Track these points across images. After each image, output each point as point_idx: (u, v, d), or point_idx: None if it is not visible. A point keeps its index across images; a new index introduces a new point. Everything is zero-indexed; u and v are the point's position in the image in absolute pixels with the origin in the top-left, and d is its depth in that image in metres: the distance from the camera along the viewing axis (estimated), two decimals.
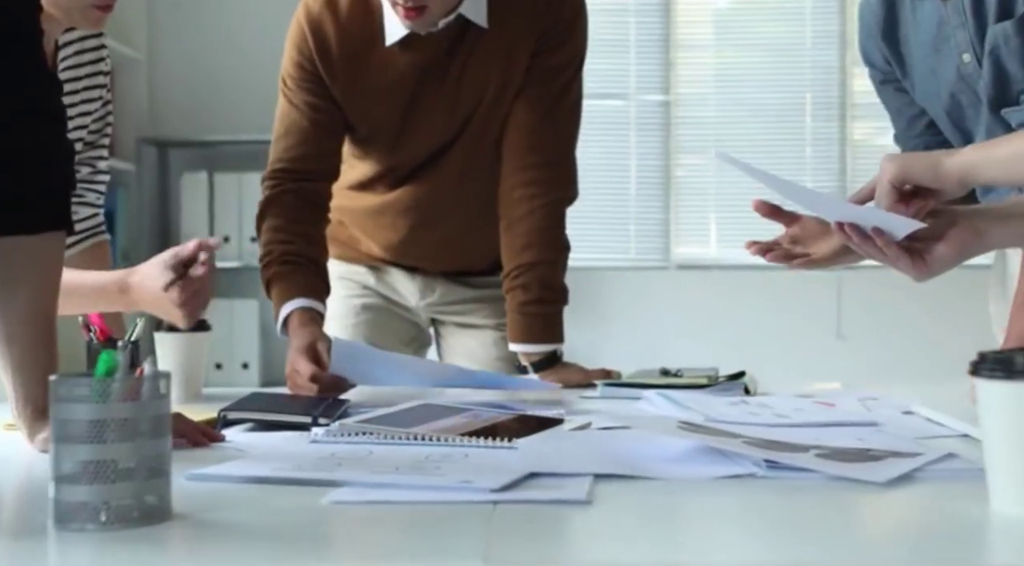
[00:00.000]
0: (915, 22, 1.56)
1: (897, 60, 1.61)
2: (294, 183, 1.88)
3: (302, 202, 1.88)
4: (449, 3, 1.77)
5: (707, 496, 0.99)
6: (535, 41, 1.85)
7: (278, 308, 1.82)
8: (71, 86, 1.74)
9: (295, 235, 1.86)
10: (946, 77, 1.56)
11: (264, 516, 0.92)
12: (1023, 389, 0.87)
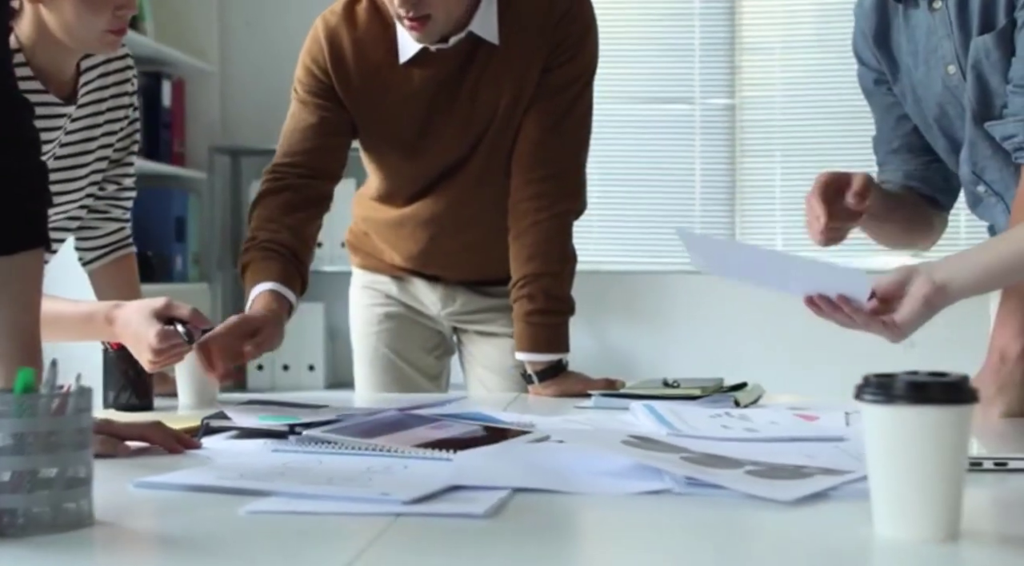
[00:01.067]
0: (908, 29, 1.56)
1: (889, 65, 1.61)
2: (294, 179, 1.92)
3: (299, 198, 1.92)
4: (453, 13, 1.81)
5: (612, 511, 1.02)
6: (545, 57, 1.89)
7: (248, 291, 1.85)
8: (95, 108, 1.84)
9: (283, 227, 1.88)
10: (934, 87, 1.55)
11: (182, 524, 0.98)
12: (901, 413, 0.88)
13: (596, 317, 4.48)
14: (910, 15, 1.55)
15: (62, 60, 1.72)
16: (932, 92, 1.55)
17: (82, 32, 1.63)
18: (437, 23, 1.81)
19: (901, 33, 1.56)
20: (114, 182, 1.94)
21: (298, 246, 1.89)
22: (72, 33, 1.64)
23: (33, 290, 1.36)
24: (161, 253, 3.90)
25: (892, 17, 1.58)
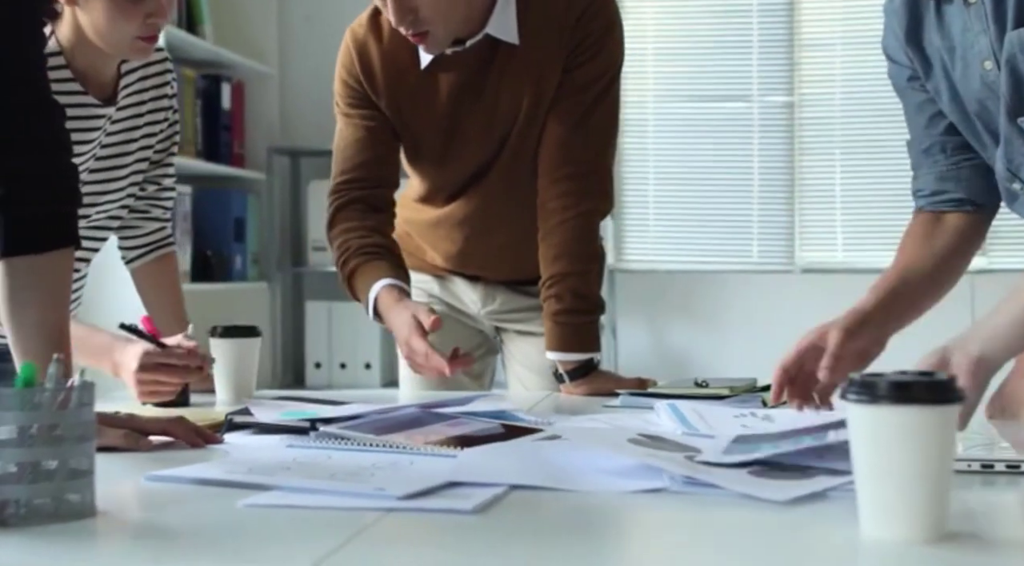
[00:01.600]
0: (941, 26, 1.53)
1: (922, 62, 1.58)
2: (358, 192, 1.98)
3: (368, 208, 1.98)
4: (452, 23, 1.83)
5: (605, 508, 1.03)
6: (565, 56, 1.89)
7: (365, 294, 1.90)
8: (135, 110, 1.89)
9: (369, 231, 1.95)
10: (973, 84, 1.52)
11: (179, 516, 1.01)
12: (884, 413, 0.88)
13: (653, 317, 4.46)
14: (943, 12, 1.52)
15: (101, 63, 1.76)
16: (971, 88, 1.52)
17: (113, 37, 1.68)
18: (438, 36, 1.83)
19: (933, 30, 1.53)
20: (154, 182, 1.98)
21: (389, 243, 1.97)
22: (104, 38, 1.68)
23: (62, 287, 1.40)
24: (220, 253, 3.97)
25: (924, 14, 1.55)
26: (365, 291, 1.89)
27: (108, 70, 1.80)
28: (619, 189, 4.55)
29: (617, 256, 4.52)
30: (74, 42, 1.72)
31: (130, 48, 1.71)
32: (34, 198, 1.36)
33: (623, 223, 4.56)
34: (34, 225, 1.36)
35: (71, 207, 1.42)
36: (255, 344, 1.91)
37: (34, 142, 1.37)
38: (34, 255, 1.36)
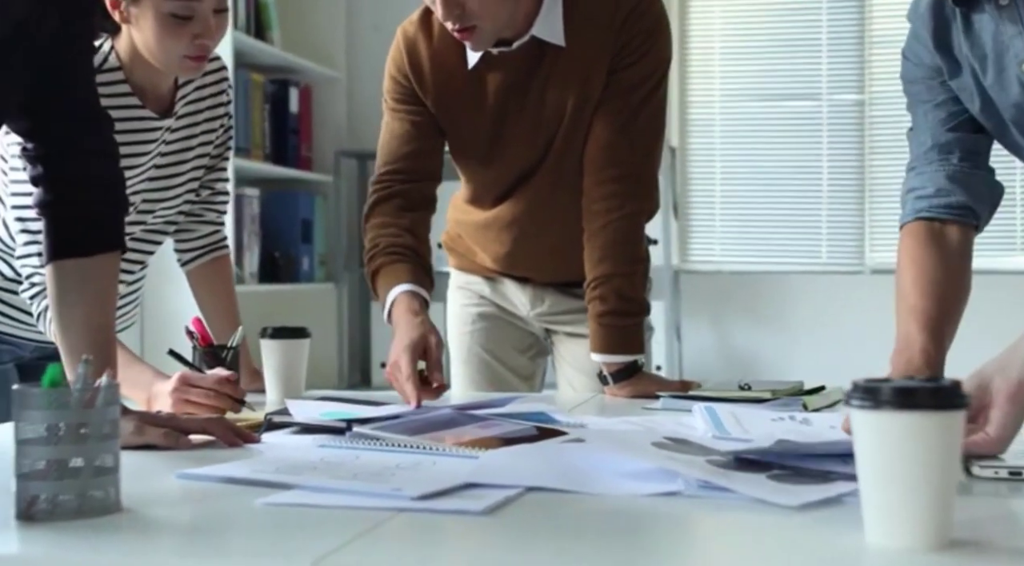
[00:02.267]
0: (969, 34, 1.50)
1: (951, 66, 1.55)
2: (399, 185, 1.99)
3: (407, 202, 1.99)
4: (500, 19, 1.84)
5: (617, 511, 1.03)
6: (611, 58, 1.89)
7: (384, 295, 1.91)
8: (191, 119, 1.94)
9: (400, 230, 1.96)
10: (1010, 89, 1.49)
11: (197, 513, 1.04)
12: (888, 419, 0.87)
13: (718, 318, 4.43)
14: (971, 20, 1.49)
15: (157, 78, 1.82)
16: (1008, 94, 1.49)
17: (162, 56, 1.72)
18: (484, 32, 1.84)
19: (961, 38, 1.51)
20: (208, 187, 2.03)
21: (418, 246, 1.97)
22: (154, 56, 1.73)
23: (108, 289, 1.45)
24: (288, 254, 4.04)
25: (950, 20, 1.52)
26: (385, 292, 1.90)
27: (165, 84, 1.85)
28: (685, 189, 4.53)
29: (682, 257, 4.49)
30: (131, 58, 1.77)
31: (179, 66, 1.75)
32: (81, 204, 1.41)
33: (688, 224, 4.54)
34: (81, 230, 1.41)
35: (117, 213, 1.47)
36: (304, 345, 1.95)
37: (82, 151, 1.42)
38: (81, 258, 1.40)
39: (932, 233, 1.56)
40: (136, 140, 1.79)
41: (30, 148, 1.43)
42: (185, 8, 1.68)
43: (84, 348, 1.40)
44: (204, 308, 2.07)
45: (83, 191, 1.42)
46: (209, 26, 1.71)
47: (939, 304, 1.49)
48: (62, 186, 1.41)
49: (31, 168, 1.44)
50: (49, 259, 1.42)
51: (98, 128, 1.46)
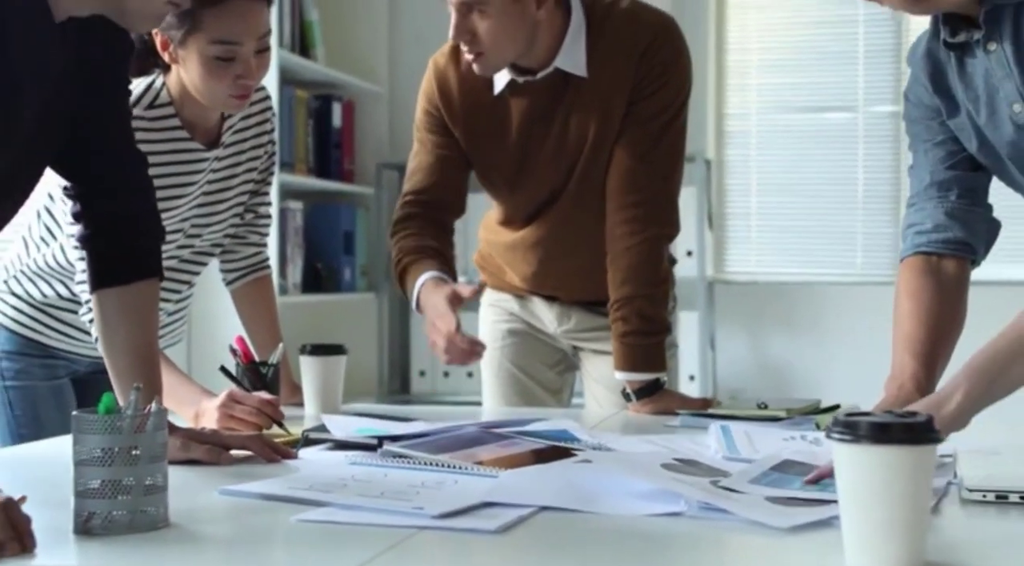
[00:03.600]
0: (963, 76, 1.57)
1: (949, 106, 1.62)
2: (422, 208, 2.11)
3: (430, 222, 2.11)
4: (506, 53, 1.95)
5: (622, 530, 1.11)
6: (631, 88, 1.98)
7: (412, 285, 2.01)
8: (237, 148, 2.04)
9: (425, 236, 2.08)
10: (1003, 128, 1.56)
11: (238, 528, 1.14)
12: (865, 452, 0.95)
13: (753, 329, 4.48)
14: (965, 63, 1.55)
15: (205, 112, 1.92)
16: (1002, 132, 1.55)
17: (208, 94, 1.83)
18: (490, 60, 1.95)
19: (956, 79, 1.57)
20: (252, 211, 2.14)
21: (442, 248, 2.09)
22: (200, 94, 1.84)
23: (149, 313, 1.56)
24: (330, 265, 4.15)
25: (945, 63, 1.59)
26: (412, 283, 2.00)
27: (212, 118, 1.95)
28: (721, 200, 4.59)
29: (717, 267, 4.55)
30: (181, 95, 1.87)
31: (224, 104, 1.86)
32: (118, 237, 1.52)
33: (724, 234, 4.59)
34: (118, 261, 1.52)
35: (153, 243, 1.58)
36: (341, 361, 2.04)
37: (118, 189, 1.53)
38: (121, 287, 1.51)
39: (929, 267, 1.62)
40: (185, 171, 1.90)
41: (70, 186, 1.54)
42: (228, 51, 1.78)
43: (128, 368, 1.51)
44: (247, 325, 2.17)
45: (120, 226, 1.53)
46: (250, 67, 1.81)
47: (932, 333, 1.56)
48: (100, 222, 1.52)
49: (71, 204, 1.55)
50: (92, 289, 1.53)
51: (133, 166, 1.57)
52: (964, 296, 1.63)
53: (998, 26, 1.50)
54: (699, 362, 4.21)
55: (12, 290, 2.01)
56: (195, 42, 1.78)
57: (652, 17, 2.00)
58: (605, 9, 2.00)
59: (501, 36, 1.91)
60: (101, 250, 1.52)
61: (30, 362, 2.05)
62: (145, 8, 1.34)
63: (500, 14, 1.89)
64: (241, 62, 1.81)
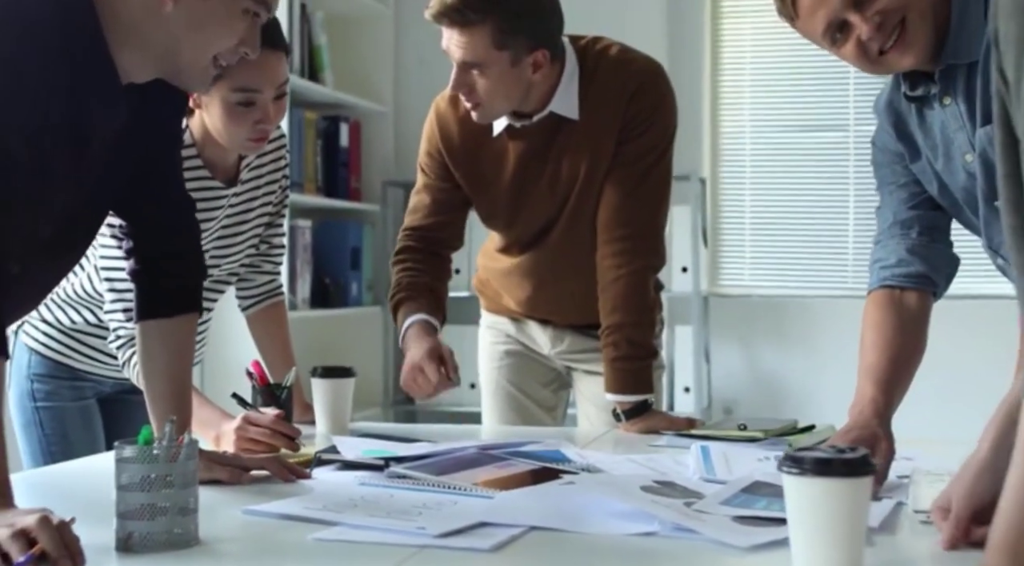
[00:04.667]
0: (923, 126, 1.71)
1: (911, 152, 1.75)
2: (421, 243, 2.29)
3: (428, 254, 2.29)
4: (499, 104, 2.10)
5: (600, 548, 1.25)
6: (619, 130, 2.12)
7: (401, 323, 2.21)
8: (254, 183, 2.19)
9: (421, 272, 2.26)
10: (958, 175, 1.70)
11: (262, 545, 1.28)
12: (810, 483, 1.09)
13: (747, 341, 4.62)
14: (924, 114, 1.69)
15: (224, 153, 2.07)
16: (956, 178, 1.69)
17: (228, 137, 1.97)
18: (487, 110, 2.11)
19: (916, 128, 1.71)
20: (266, 242, 2.28)
21: (436, 284, 2.27)
22: (221, 137, 1.98)
23: (186, 344, 1.71)
24: (338, 281, 4.30)
25: (906, 113, 1.73)
26: (402, 321, 2.19)
27: (231, 158, 2.10)
28: (716, 216, 4.73)
29: (712, 281, 4.69)
30: (203, 137, 2.02)
31: (243, 146, 2.00)
32: (165, 275, 1.67)
33: (719, 249, 4.73)
34: (164, 296, 1.67)
35: (196, 281, 1.72)
36: (350, 383, 2.19)
37: (168, 230, 1.68)
38: (164, 319, 1.66)
39: (892, 300, 1.76)
40: (206, 207, 2.05)
41: (124, 225, 1.68)
42: (248, 98, 1.93)
43: (164, 393, 1.66)
44: (261, 347, 2.32)
45: (166, 264, 1.68)
46: (268, 113, 1.96)
47: (893, 363, 1.69)
48: (149, 259, 1.67)
49: (124, 242, 1.69)
50: (137, 319, 1.68)
51: (182, 210, 1.71)
52: (924, 326, 1.76)
53: (952, 83, 1.63)
54: (694, 374, 4.35)
55: (43, 317, 2.16)
56: (218, 89, 1.92)
57: (640, 64, 2.15)
58: (596, 56, 2.14)
59: (497, 94, 2.07)
60: (148, 285, 1.66)
61: (59, 384, 2.20)
62: (197, 71, 1.50)
63: (498, 76, 2.04)
64: (260, 108, 1.95)
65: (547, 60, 2.09)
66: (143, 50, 1.46)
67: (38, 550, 1.15)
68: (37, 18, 1.39)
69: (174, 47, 1.46)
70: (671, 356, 4.36)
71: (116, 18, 1.44)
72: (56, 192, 1.45)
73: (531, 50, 2.06)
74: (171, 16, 1.44)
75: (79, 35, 1.42)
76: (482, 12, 2.01)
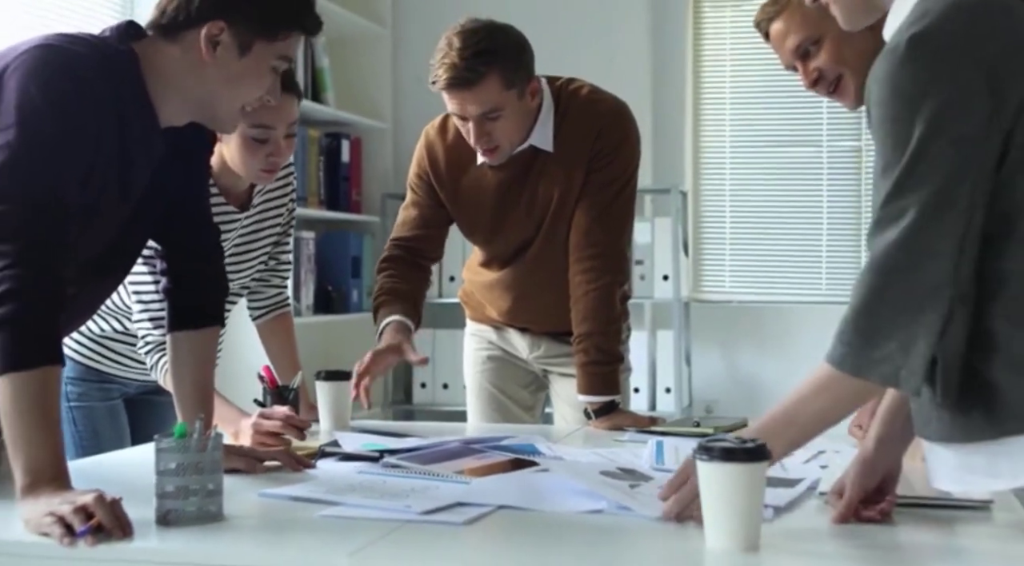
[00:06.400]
0: None
1: None
2: (405, 253, 2.56)
3: (410, 264, 2.56)
4: (515, 140, 2.36)
5: (554, 522, 1.52)
6: (588, 161, 2.39)
7: (380, 322, 2.47)
8: (264, 207, 2.46)
9: (402, 279, 2.53)
10: None
11: (276, 520, 1.55)
12: (718, 468, 1.35)
13: (726, 345, 4.88)
14: None
15: (239, 181, 2.34)
16: None
17: (242, 167, 2.24)
18: (503, 150, 2.37)
19: None
20: (275, 258, 2.55)
21: (415, 293, 2.54)
22: (236, 166, 2.25)
23: (211, 353, 1.98)
24: (339, 289, 4.56)
25: None
26: (381, 320, 2.46)
27: (243, 186, 2.37)
28: (698, 226, 4.99)
29: (695, 288, 4.96)
30: (220, 167, 2.29)
31: (255, 176, 2.28)
32: (192, 292, 1.94)
33: (701, 258, 5.00)
34: (191, 311, 1.93)
35: (219, 298, 1.99)
36: (350, 385, 2.45)
37: (195, 253, 1.94)
38: (191, 331, 1.93)
39: None
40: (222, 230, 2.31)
41: (159, 248, 1.94)
42: (263, 134, 2.20)
43: (191, 394, 1.93)
44: (270, 354, 2.59)
45: (195, 282, 1.94)
46: (280, 148, 2.23)
47: None
48: (179, 278, 1.93)
49: (158, 262, 1.95)
50: (169, 330, 1.94)
51: (209, 236, 1.98)
52: None
53: None
54: (675, 376, 4.61)
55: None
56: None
57: (607, 105, 2.42)
58: (569, 95, 2.41)
59: (513, 131, 2.35)
60: (179, 301, 1.93)
61: (89, 386, 2.46)
62: (229, 117, 1.77)
63: (512, 113, 2.31)
64: (273, 143, 2.22)
65: (539, 84, 2.36)
66: (182, 99, 1.72)
67: (95, 522, 1.41)
68: (88, 72, 1.61)
69: (210, 98, 1.72)
70: (653, 359, 4.62)
71: (157, 71, 1.69)
72: (104, 225, 1.72)
73: (528, 80, 2.34)
74: (210, 72, 1.69)
75: (124, 86, 1.66)
76: (487, 63, 2.27)
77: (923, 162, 1.33)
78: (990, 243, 1.35)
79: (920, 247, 1.33)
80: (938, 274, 1.33)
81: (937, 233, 1.33)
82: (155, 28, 1.71)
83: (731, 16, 4.95)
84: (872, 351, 1.37)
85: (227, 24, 1.68)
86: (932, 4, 1.38)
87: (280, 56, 1.73)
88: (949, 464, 1.40)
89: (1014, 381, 1.33)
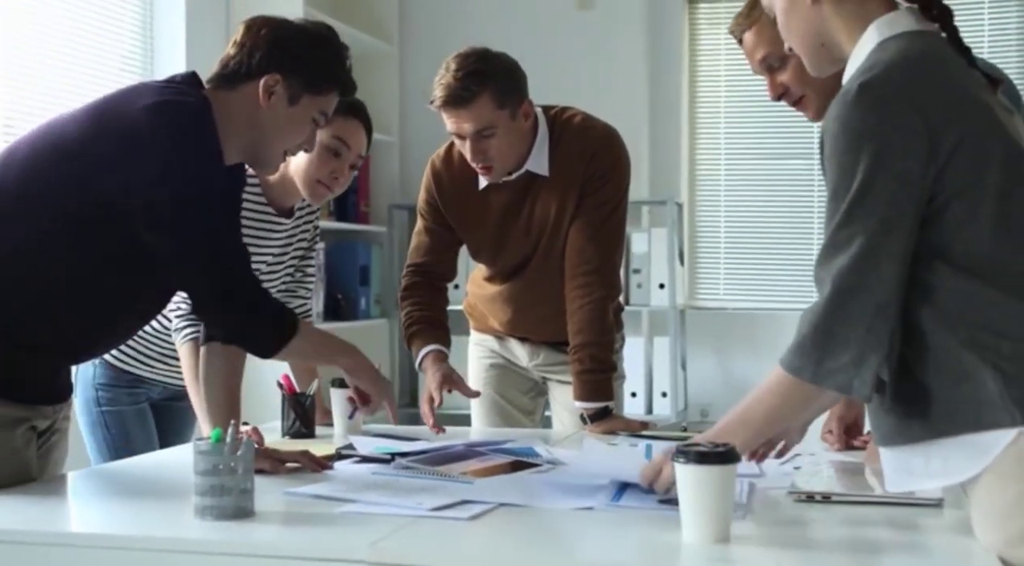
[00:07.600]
0: None
1: None
2: (422, 277, 2.76)
3: (431, 289, 2.76)
4: (509, 161, 2.55)
5: (549, 517, 1.70)
6: (581, 184, 2.58)
7: (418, 352, 2.69)
8: (297, 220, 2.64)
9: (427, 306, 2.74)
10: None
11: (300, 515, 1.73)
12: (694, 469, 1.53)
13: (721, 351, 5.06)
14: None
15: (287, 198, 2.53)
16: None
17: (306, 175, 2.44)
18: (498, 169, 2.56)
19: None
20: (301, 271, 2.74)
21: (440, 317, 2.75)
22: (301, 173, 2.44)
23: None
24: (348, 296, 4.75)
25: None
26: (418, 350, 2.68)
27: (289, 203, 2.56)
28: (694, 236, 5.18)
29: (690, 296, 5.14)
30: (277, 182, 2.47)
31: (312, 187, 2.47)
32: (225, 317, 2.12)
33: (697, 266, 5.18)
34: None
35: None
36: None
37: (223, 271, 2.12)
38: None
39: None
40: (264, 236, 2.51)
41: None
42: (338, 146, 2.42)
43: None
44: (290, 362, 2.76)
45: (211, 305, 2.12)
46: (344, 171, 2.44)
47: None
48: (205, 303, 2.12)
49: None
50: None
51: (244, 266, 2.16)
52: None
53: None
54: (671, 381, 4.79)
55: None
56: (321, 132, 2.35)
57: (598, 131, 2.61)
58: (563, 123, 2.60)
59: (510, 150, 2.54)
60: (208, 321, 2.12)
61: (119, 392, 2.65)
62: (272, 159, 2.02)
63: (505, 133, 2.50)
64: (342, 161, 2.42)
65: (531, 107, 2.55)
66: (237, 141, 1.95)
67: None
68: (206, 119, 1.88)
69: (259, 141, 1.96)
70: (650, 364, 4.80)
71: (220, 116, 1.90)
72: None
73: (520, 102, 2.52)
74: (262, 118, 1.92)
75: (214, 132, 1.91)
76: (479, 83, 2.46)
77: (870, 194, 1.50)
78: (919, 260, 1.52)
79: (868, 270, 1.51)
80: (884, 293, 1.51)
81: (884, 257, 1.50)
82: (216, 79, 1.96)
83: (726, 33, 5.12)
84: (829, 362, 1.54)
85: (282, 77, 1.94)
86: (881, 56, 1.56)
87: (321, 110, 1.99)
88: (892, 466, 1.58)
89: (943, 384, 1.50)
